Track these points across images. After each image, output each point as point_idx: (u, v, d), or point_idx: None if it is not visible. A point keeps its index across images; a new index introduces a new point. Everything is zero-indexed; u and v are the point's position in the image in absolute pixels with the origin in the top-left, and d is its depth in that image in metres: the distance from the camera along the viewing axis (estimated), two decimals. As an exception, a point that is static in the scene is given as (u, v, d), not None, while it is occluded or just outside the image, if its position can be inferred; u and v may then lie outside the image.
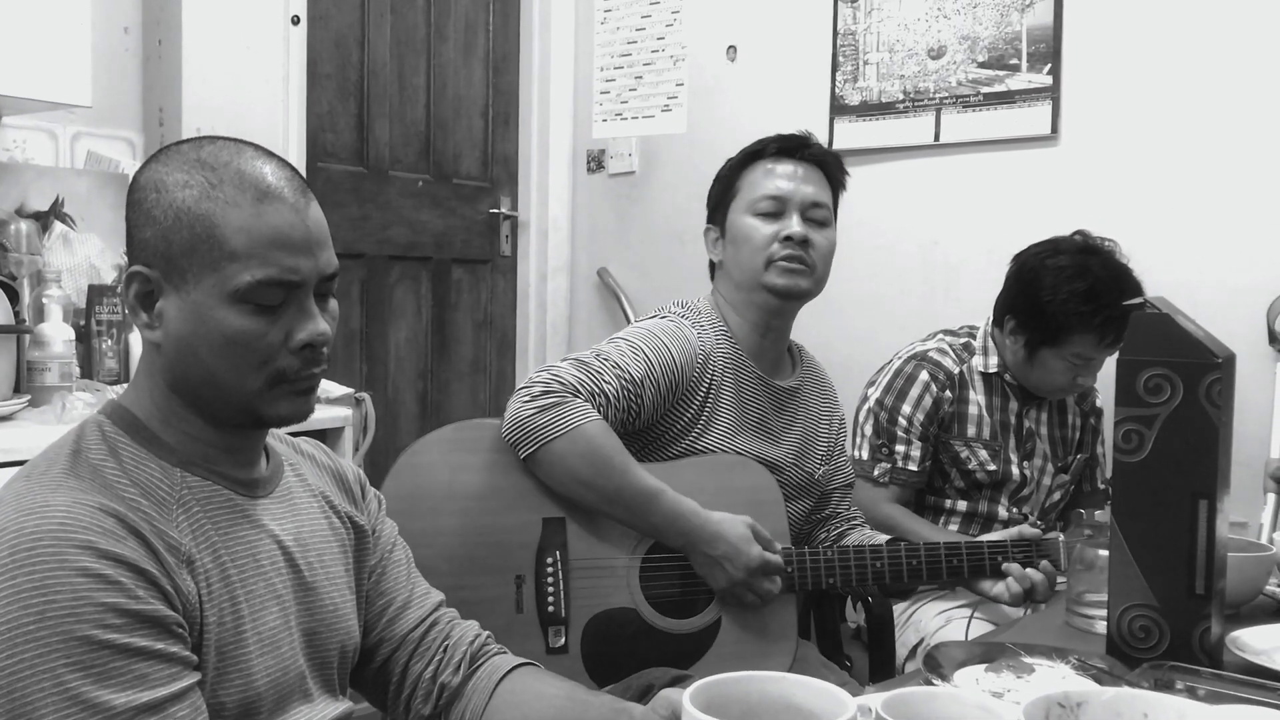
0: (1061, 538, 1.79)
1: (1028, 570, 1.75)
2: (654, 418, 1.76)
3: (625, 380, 1.70)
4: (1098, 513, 1.86)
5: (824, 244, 1.85)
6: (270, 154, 1.09)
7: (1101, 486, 2.45)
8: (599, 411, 1.66)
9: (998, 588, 1.78)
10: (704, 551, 1.68)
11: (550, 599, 1.66)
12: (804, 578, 1.76)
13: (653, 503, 1.66)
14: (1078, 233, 2.27)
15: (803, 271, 1.82)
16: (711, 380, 1.80)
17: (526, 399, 1.65)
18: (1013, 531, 1.83)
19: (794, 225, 1.81)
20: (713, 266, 1.95)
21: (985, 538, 1.84)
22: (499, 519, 1.66)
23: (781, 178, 1.85)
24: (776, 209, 1.83)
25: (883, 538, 1.92)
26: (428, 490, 1.64)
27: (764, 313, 1.86)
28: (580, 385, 1.66)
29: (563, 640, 1.65)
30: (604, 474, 1.64)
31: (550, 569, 1.66)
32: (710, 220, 1.93)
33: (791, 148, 1.88)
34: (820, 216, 1.85)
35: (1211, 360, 1.25)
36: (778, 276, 1.82)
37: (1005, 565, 1.77)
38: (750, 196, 1.85)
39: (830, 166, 1.91)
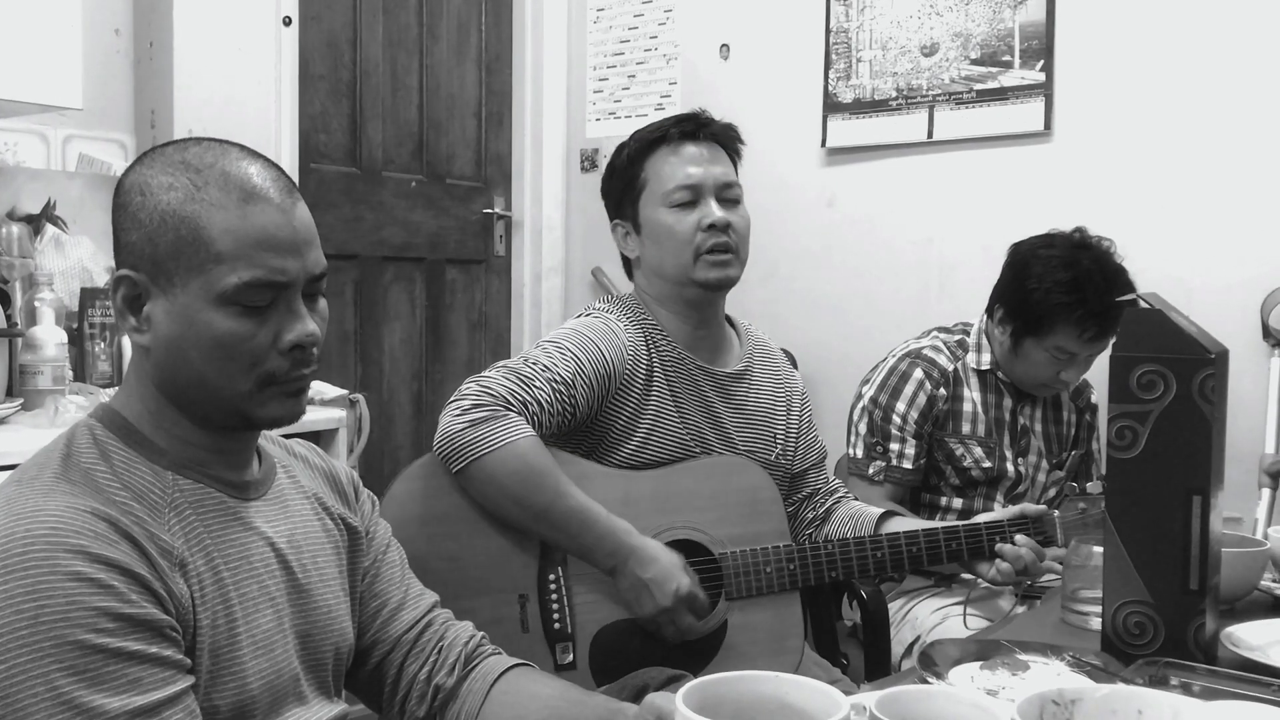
0: (1057, 513, 1.80)
1: (1020, 551, 1.75)
2: (590, 416, 1.72)
3: (557, 384, 1.65)
4: (1089, 484, 1.86)
5: (742, 224, 1.79)
6: (256, 154, 1.09)
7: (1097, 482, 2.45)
8: (533, 421, 1.62)
9: (991, 571, 1.78)
10: (634, 572, 1.62)
11: (555, 616, 1.63)
12: (806, 574, 1.75)
13: (585, 522, 1.61)
14: (1077, 229, 2.27)
15: (729, 261, 1.77)
16: (648, 375, 1.76)
17: (457, 413, 1.60)
18: (1014, 510, 1.82)
19: (715, 211, 1.76)
20: (628, 262, 1.90)
21: (984, 518, 1.83)
22: (497, 539, 1.63)
23: (690, 162, 1.78)
24: (691, 198, 1.77)
25: (874, 510, 1.90)
26: (422, 516, 1.60)
27: (692, 305, 1.81)
28: (512, 396, 1.62)
29: (571, 656, 1.63)
30: (535, 492, 1.59)
31: (553, 585, 1.64)
32: (617, 215, 1.87)
33: (693, 130, 1.80)
34: (734, 195, 1.80)
35: (1204, 356, 1.25)
36: (707, 270, 1.76)
37: (998, 546, 1.76)
38: (662, 189, 1.78)
39: (731, 142, 1.85)
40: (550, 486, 1.60)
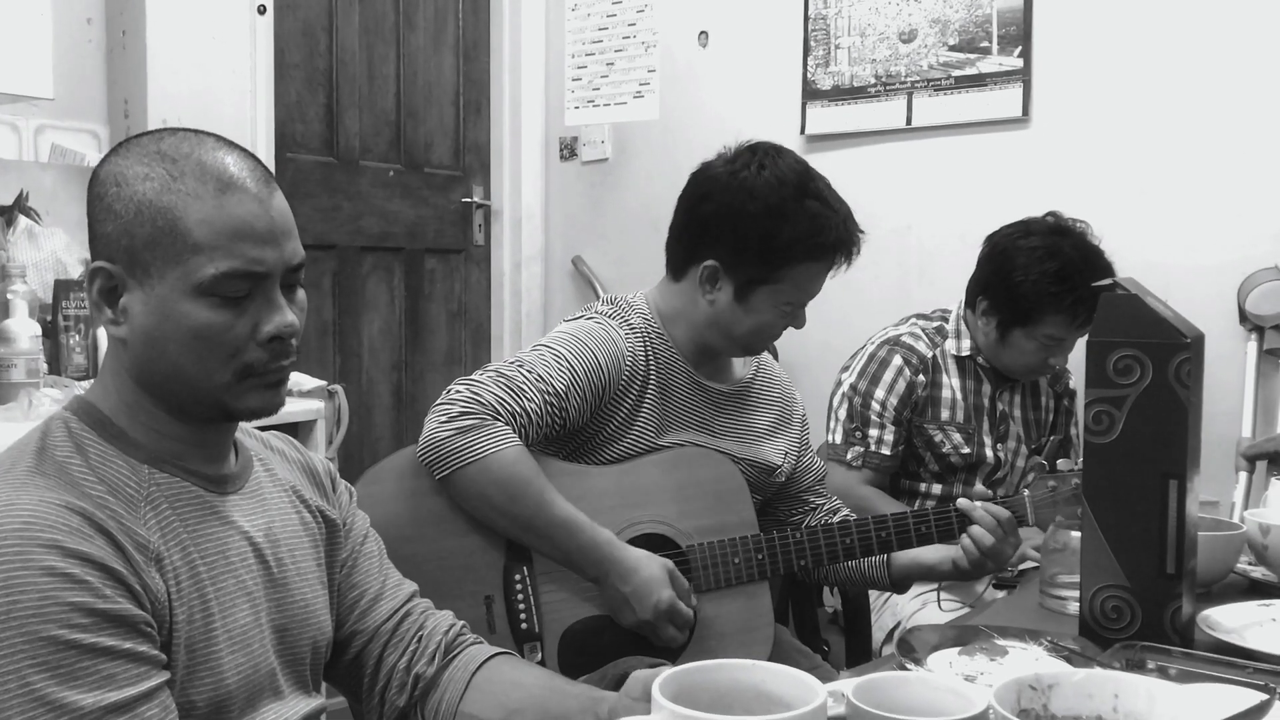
0: (1027, 492, 1.77)
1: (976, 534, 1.71)
2: (580, 424, 1.71)
3: (549, 394, 1.63)
4: (1060, 461, 1.85)
5: None
6: (232, 144, 1.08)
7: (1075, 467, 2.46)
8: (521, 432, 1.61)
9: (955, 553, 1.75)
10: (615, 585, 1.62)
11: (522, 616, 1.63)
12: (775, 563, 1.74)
13: (568, 532, 1.61)
14: (1050, 214, 2.28)
15: None
16: (644, 385, 1.74)
17: (444, 419, 1.59)
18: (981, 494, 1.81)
19: (802, 320, 1.80)
20: (679, 271, 1.79)
21: (961, 503, 1.77)
22: (462, 541, 1.62)
23: (818, 280, 1.77)
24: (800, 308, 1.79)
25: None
26: (386, 520, 1.56)
27: (717, 348, 1.82)
28: (501, 405, 1.60)
29: (539, 656, 1.63)
30: (519, 502, 1.59)
31: (519, 585, 1.63)
32: (725, 260, 1.73)
33: (849, 253, 1.78)
34: None
35: (1180, 340, 1.26)
36: (761, 348, 1.86)
37: (970, 528, 1.72)
38: (791, 299, 1.75)
39: None
40: (535, 497, 1.60)
